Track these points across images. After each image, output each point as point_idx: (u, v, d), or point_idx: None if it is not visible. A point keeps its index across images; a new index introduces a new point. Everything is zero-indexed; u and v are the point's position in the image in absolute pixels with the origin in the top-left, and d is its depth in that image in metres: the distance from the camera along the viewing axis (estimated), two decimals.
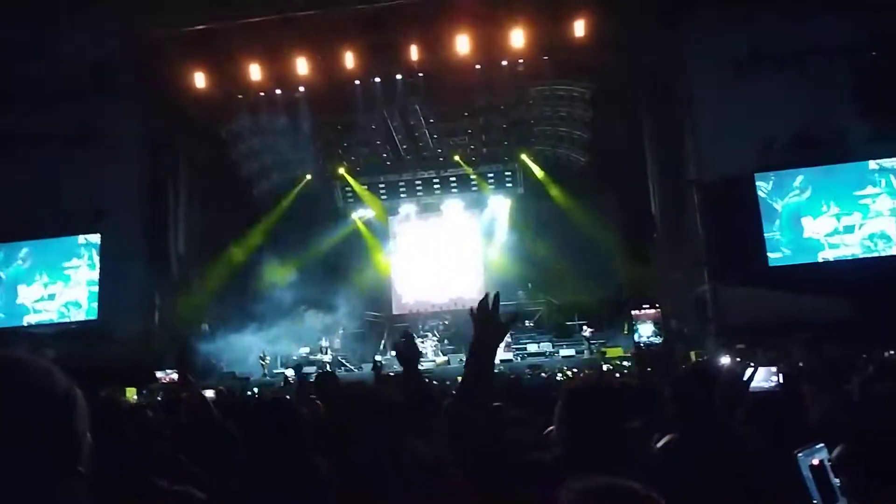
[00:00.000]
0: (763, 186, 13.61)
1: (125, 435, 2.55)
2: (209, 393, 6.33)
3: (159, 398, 9.86)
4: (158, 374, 13.11)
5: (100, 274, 15.85)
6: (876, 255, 13.06)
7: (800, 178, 13.59)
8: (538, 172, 19.06)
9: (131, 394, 11.70)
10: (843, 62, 13.28)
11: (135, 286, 15.49)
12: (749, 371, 4.16)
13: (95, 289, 15.77)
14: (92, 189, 15.59)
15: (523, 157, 19.22)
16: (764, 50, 13.52)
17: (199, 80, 15.32)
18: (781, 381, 4.67)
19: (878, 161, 13.32)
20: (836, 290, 11.77)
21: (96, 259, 15.91)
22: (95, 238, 15.94)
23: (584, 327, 16.51)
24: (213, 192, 18.16)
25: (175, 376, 12.09)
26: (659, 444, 2.91)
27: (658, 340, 13.88)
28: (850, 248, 13.29)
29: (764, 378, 4.64)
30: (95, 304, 15.68)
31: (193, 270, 17.10)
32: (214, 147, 17.80)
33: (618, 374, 9.73)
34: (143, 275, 15.62)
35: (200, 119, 16.94)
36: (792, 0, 13.00)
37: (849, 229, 13.32)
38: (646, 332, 14.52)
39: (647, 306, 14.91)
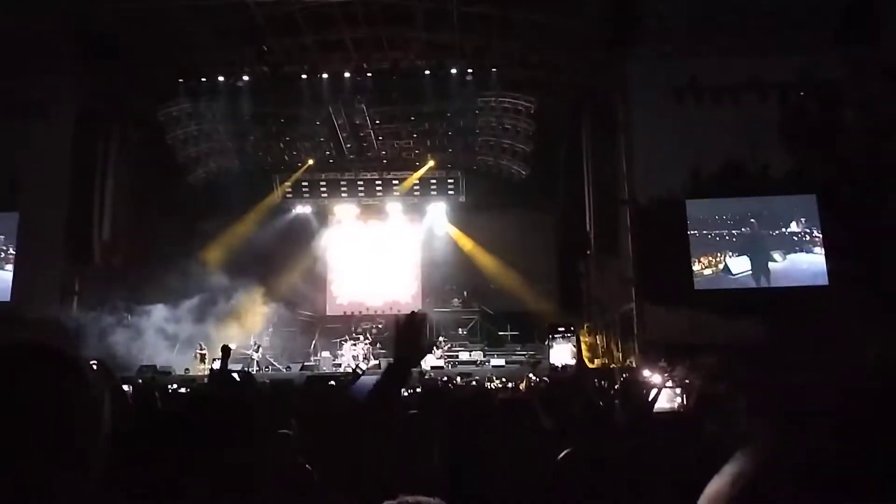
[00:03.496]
0: (693, 211, 14.18)
1: None
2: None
3: None
4: None
5: (16, 254, 15.04)
6: (794, 284, 13.76)
7: (726, 208, 14.22)
8: (480, 182, 19.24)
9: None
10: (774, 100, 14.00)
11: (53, 270, 14.78)
12: (654, 392, 4.33)
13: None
14: (14, 162, 14.85)
15: (467, 165, 19.36)
16: (702, 82, 14.10)
17: (139, 58, 14.76)
18: (685, 402, 4.87)
19: (799, 196, 14.08)
20: (755, 315, 12.35)
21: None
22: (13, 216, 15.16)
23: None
24: (145, 177, 17.49)
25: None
26: (560, 457, 3.00)
27: (573, 362, 14.26)
28: (767, 277, 14.00)
29: (668, 399, 4.86)
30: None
31: (118, 256, 16.39)
32: (149, 129, 17.15)
33: (543, 386, 9.91)
34: (63, 258, 14.93)
35: (137, 99, 16.31)
36: (732, 38, 13.60)
37: (765, 259, 14.03)
38: (562, 354, 14.82)
39: (563, 330, 15.14)
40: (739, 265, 14.15)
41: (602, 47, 14.08)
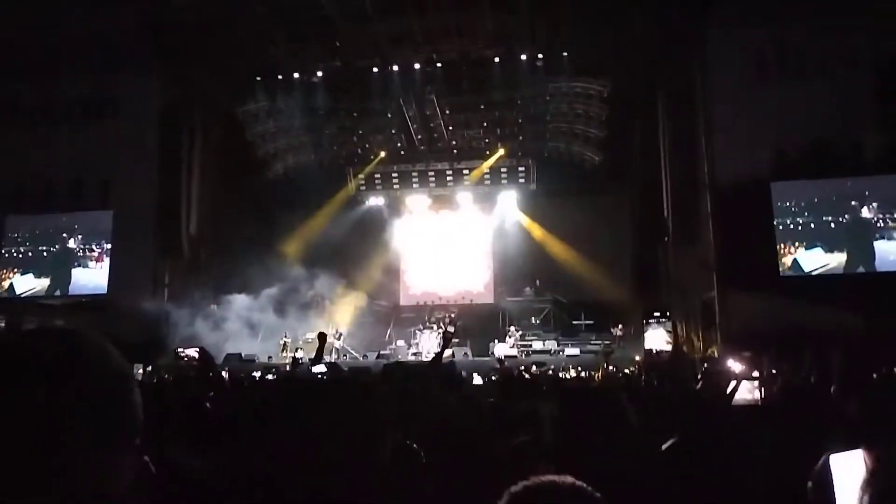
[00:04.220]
0: (778, 195, 13.47)
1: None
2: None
3: (165, 375, 9.94)
4: (185, 351, 13.41)
5: (111, 248, 16.01)
6: (886, 270, 12.90)
7: (813, 191, 13.42)
8: (551, 169, 18.96)
9: (136, 370, 11.83)
10: (866, 72, 13.05)
11: (145, 263, 15.66)
12: (732, 384, 4.17)
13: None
14: (104, 162, 15.75)
15: (537, 153, 19.11)
16: (788, 53, 13.33)
17: (215, 57, 15.34)
18: (763, 395, 4.70)
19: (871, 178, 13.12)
20: (844, 303, 11.63)
21: None
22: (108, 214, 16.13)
23: (614, 329, 16.38)
24: (227, 173, 18.21)
25: (194, 354, 12.14)
26: (664, 446, 2.93)
27: (668, 348, 13.87)
28: (858, 263, 13.18)
29: (748, 391, 4.68)
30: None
31: (204, 249, 17.19)
32: (230, 127, 17.84)
33: (620, 375, 9.74)
34: (153, 252, 15.78)
35: (217, 98, 16.99)
36: (819, 7, 12.76)
37: (859, 244, 13.18)
38: (656, 339, 14.50)
39: (658, 315, 14.91)
40: (812, 260, 13.22)
41: (679, 18, 13.47)
